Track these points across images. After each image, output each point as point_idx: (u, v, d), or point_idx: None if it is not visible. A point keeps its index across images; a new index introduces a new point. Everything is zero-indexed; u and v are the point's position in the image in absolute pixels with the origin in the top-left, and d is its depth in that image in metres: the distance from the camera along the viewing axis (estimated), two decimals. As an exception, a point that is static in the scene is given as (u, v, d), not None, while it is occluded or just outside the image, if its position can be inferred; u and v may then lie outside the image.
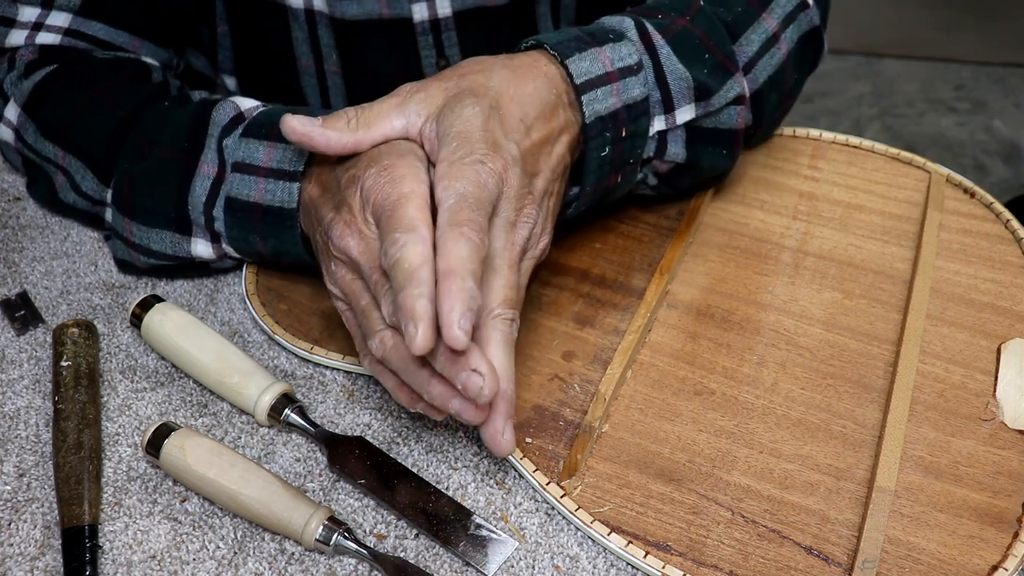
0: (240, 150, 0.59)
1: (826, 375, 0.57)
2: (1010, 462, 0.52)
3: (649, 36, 0.58)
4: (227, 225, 0.60)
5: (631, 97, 0.56)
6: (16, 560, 0.51)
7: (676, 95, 0.58)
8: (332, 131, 0.51)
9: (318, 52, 0.80)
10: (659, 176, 0.63)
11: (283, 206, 0.57)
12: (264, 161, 0.58)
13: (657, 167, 0.62)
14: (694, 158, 0.62)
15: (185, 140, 0.61)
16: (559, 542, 0.51)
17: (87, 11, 0.70)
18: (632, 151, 0.58)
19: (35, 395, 0.59)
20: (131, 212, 0.62)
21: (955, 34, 2.57)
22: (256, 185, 0.58)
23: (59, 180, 0.67)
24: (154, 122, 0.63)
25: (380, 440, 0.56)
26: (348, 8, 0.77)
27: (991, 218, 0.67)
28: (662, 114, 0.58)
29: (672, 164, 0.62)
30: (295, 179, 0.57)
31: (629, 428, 0.55)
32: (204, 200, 0.60)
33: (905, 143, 2.20)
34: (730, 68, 0.60)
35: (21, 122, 0.68)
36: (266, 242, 0.59)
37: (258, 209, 0.58)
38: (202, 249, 0.62)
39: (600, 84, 0.55)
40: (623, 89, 0.56)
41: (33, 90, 0.67)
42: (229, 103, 0.62)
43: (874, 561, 0.48)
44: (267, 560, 0.50)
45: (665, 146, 0.60)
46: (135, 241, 0.62)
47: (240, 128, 0.60)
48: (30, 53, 0.69)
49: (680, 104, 0.59)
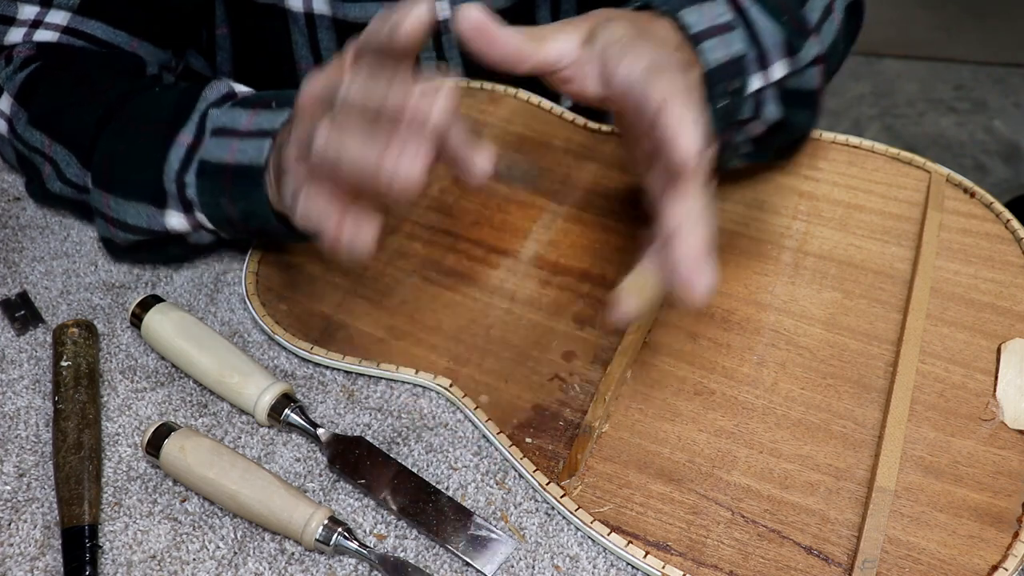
0: (224, 117, 0.59)
1: (826, 375, 0.57)
2: (1010, 462, 0.52)
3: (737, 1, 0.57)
4: (199, 190, 0.59)
5: (734, 51, 0.55)
6: (16, 560, 0.51)
7: (770, 51, 0.57)
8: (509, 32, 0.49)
9: (318, 55, 0.80)
10: (752, 141, 0.62)
11: (252, 163, 0.56)
12: (245, 125, 0.57)
13: (752, 129, 0.61)
14: (788, 116, 0.61)
15: (170, 115, 0.61)
16: (559, 542, 0.51)
17: (86, 10, 0.70)
18: (738, 109, 0.57)
19: (35, 395, 0.59)
20: (109, 185, 0.62)
21: (955, 34, 2.57)
22: (230, 146, 0.57)
23: (46, 170, 0.67)
24: (143, 105, 0.63)
25: (380, 440, 0.56)
26: (350, 10, 0.77)
27: (991, 218, 0.67)
28: (758, 71, 0.58)
29: (766, 125, 0.61)
30: (269, 135, 0.56)
31: (629, 428, 0.55)
32: (177, 168, 0.59)
33: (905, 143, 2.20)
34: (804, 30, 0.60)
35: (14, 112, 0.68)
36: (235, 205, 0.58)
37: (228, 170, 0.57)
38: (175, 221, 0.61)
39: (709, 36, 0.54)
40: (728, 43, 0.55)
41: (25, 80, 0.67)
42: (224, 82, 0.62)
43: (874, 561, 0.48)
44: (267, 560, 0.50)
45: (760, 105, 0.59)
46: (112, 216, 0.62)
47: (230, 103, 0.60)
48: (27, 50, 0.69)
49: (773, 60, 0.58)
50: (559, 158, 0.72)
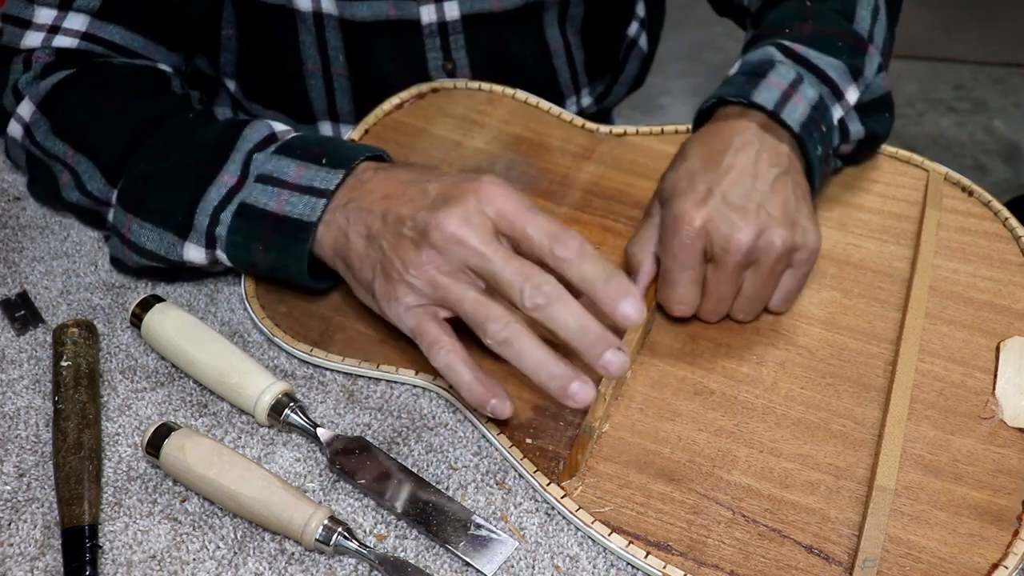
0: (269, 164, 0.59)
1: (825, 374, 0.57)
2: (1010, 460, 0.52)
3: (792, 50, 0.64)
4: (231, 230, 0.59)
5: (811, 100, 0.62)
6: (16, 560, 0.51)
7: (839, 82, 0.64)
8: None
9: (325, 55, 0.80)
10: (843, 157, 0.69)
11: (301, 218, 0.57)
12: (293, 177, 0.58)
13: (843, 150, 0.67)
14: (871, 129, 0.67)
15: (211, 151, 0.61)
16: (559, 542, 0.51)
17: (104, 14, 0.70)
18: (830, 143, 0.63)
19: (35, 395, 0.59)
20: (136, 208, 0.61)
21: (955, 34, 2.57)
22: (278, 196, 0.58)
23: (64, 179, 0.66)
24: (178, 131, 0.63)
25: (380, 440, 0.56)
26: (358, 9, 0.77)
27: (989, 216, 0.67)
28: (836, 103, 0.64)
29: (855, 143, 0.67)
30: (323, 196, 0.56)
31: (629, 428, 0.55)
32: (216, 204, 0.59)
33: (905, 143, 2.20)
34: (862, 47, 0.66)
35: (35, 119, 0.67)
36: (268, 253, 0.58)
37: (272, 218, 0.57)
38: (194, 254, 0.61)
39: (786, 100, 0.61)
40: (804, 97, 0.61)
41: (52, 89, 0.67)
42: (263, 123, 0.62)
43: (874, 560, 0.48)
44: (267, 560, 0.50)
45: (847, 129, 0.65)
46: (130, 238, 0.62)
47: (273, 147, 0.60)
48: (47, 56, 0.69)
49: (845, 88, 0.64)
50: (557, 158, 0.72)
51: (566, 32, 0.86)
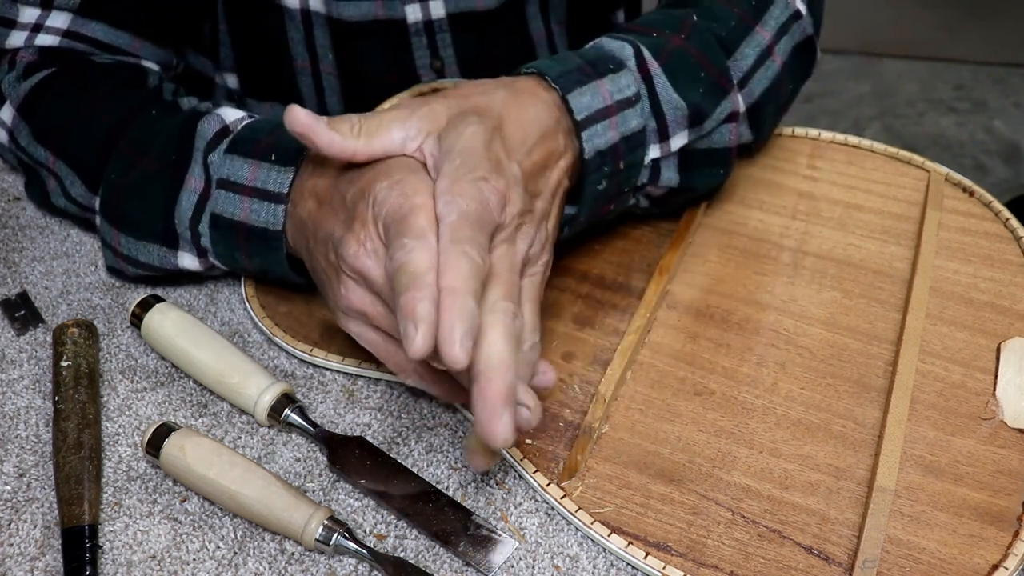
0: (225, 167, 0.58)
1: (826, 375, 0.57)
2: (1010, 461, 0.52)
3: (646, 65, 0.58)
4: (213, 242, 0.60)
5: (629, 129, 0.56)
6: (16, 560, 0.51)
7: (671, 124, 0.58)
8: (336, 133, 0.51)
9: (314, 53, 0.80)
10: (651, 199, 0.63)
11: (268, 227, 0.56)
12: (249, 179, 0.57)
13: (651, 192, 0.62)
14: (688, 180, 0.62)
15: (173, 152, 0.61)
16: (559, 542, 0.51)
17: (86, 11, 0.70)
18: (627, 181, 0.59)
19: (35, 395, 0.59)
20: (119, 224, 0.62)
21: (955, 34, 2.57)
22: (241, 204, 0.57)
23: (51, 184, 0.67)
24: (143, 131, 0.63)
25: (380, 440, 0.56)
26: (345, 9, 0.77)
27: (990, 217, 0.67)
28: (657, 143, 0.59)
29: (665, 189, 0.62)
30: (279, 201, 0.56)
31: (629, 429, 0.55)
32: (190, 215, 0.59)
33: (905, 143, 2.20)
34: (725, 86, 0.60)
35: (15, 124, 0.68)
36: (252, 260, 0.59)
37: (243, 228, 0.57)
38: (189, 262, 0.61)
39: (600, 119, 0.55)
40: (621, 122, 0.56)
41: (29, 93, 0.67)
42: (215, 116, 0.61)
43: (874, 561, 0.48)
44: (267, 560, 0.50)
45: (659, 172, 0.60)
46: (123, 252, 0.62)
47: (225, 143, 0.59)
48: (30, 55, 0.69)
49: (675, 132, 0.59)
50: (559, 158, 0.72)
51: (549, 23, 0.86)
